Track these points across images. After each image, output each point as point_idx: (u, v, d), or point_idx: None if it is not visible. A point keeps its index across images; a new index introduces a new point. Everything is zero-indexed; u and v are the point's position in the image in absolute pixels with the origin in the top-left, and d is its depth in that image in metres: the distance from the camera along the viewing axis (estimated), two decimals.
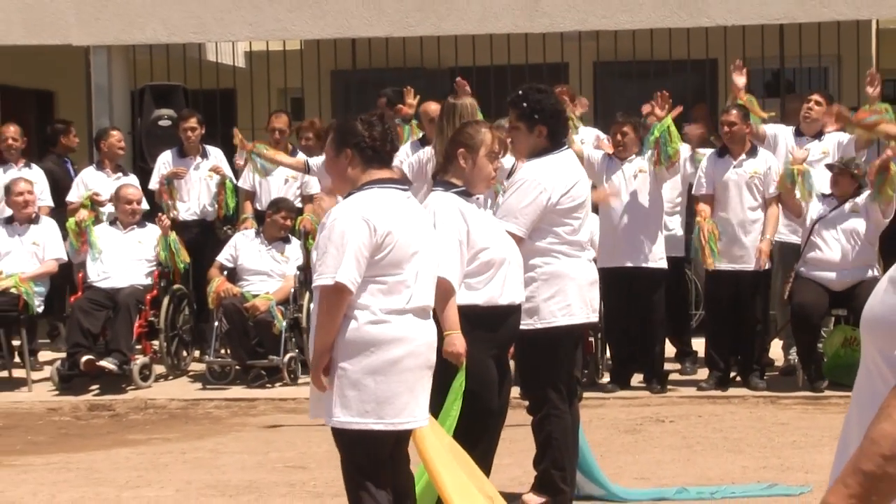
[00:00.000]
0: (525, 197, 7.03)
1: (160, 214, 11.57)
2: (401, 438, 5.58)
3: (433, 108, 10.94)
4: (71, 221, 11.41)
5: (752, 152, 10.50)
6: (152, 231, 11.55)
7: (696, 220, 10.51)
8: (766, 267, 10.45)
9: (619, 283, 10.33)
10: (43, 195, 12.27)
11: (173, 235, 11.42)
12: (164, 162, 12.32)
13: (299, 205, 11.90)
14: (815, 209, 10.34)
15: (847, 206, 10.29)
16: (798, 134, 11.04)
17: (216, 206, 12.29)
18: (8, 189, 11.65)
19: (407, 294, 5.46)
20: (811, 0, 12.42)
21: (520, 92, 7.36)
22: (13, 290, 11.11)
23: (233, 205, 12.24)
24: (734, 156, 10.48)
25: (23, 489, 8.15)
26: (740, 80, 10.82)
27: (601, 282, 9.56)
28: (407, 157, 11.11)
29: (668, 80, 13.77)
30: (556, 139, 7.26)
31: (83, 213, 11.48)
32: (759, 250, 10.32)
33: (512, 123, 7.41)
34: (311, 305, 5.83)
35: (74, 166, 13.10)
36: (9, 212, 11.66)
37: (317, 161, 11.23)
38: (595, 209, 9.78)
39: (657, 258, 10.42)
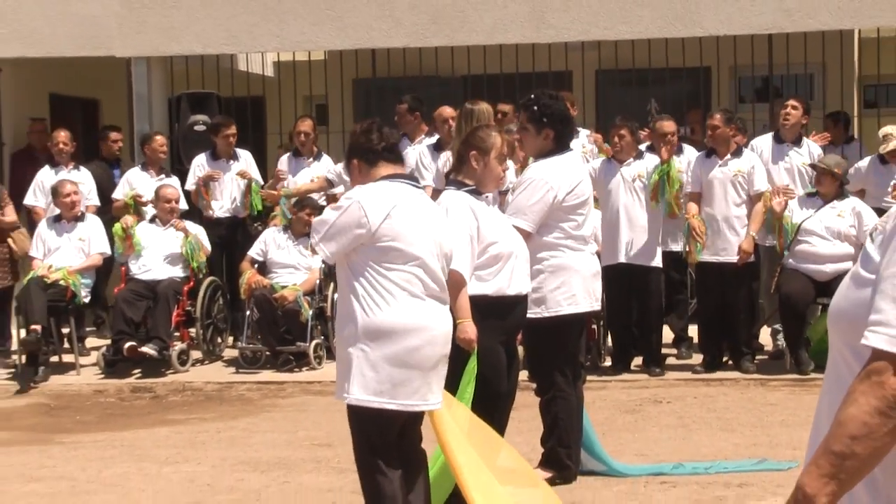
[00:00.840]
0: (533, 195, 7.06)
1: (175, 221, 11.57)
2: (412, 419, 5.59)
3: (447, 111, 10.99)
4: (117, 227, 11.45)
5: (737, 153, 10.51)
6: (190, 228, 11.59)
7: (685, 217, 10.51)
8: (752, 260, 10.45)
9: (619, 278, 10.38)
10: (90, 195, 12.31)
11: (191, 237, 11.46)
12: (199, 164, 12.34)
13: (324, 203, 11.92)
14: (798, 213, 10.35)
15: (830, 205, 10.28)
16: (778, 140, 11.03)
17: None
18: (55, 190, 11.67)
19: (424, 283, 5.48)
20: (797, 11, 12.39)
21: (531, 96, 7.39)
22: (62, 283, 11.16)
23: (258, 206, 12.26)
24: (720, 156, 10.49)
25: (73, 465, 8.19)
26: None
27: (604, 276, 9.62)
28: (421, 158, 11.16)
29: (664, 86, 13.79)
30: (562, 142, 7.28)
31: (128, 219, 11.52)
32: (740, 247, 10.32)
33: (522, 125, 7.44)
34: (335, 295, 5.85)
35: (122, 167, 13.09)
36: (57, 210, 11.68)
37: (335, 168, 11.34)
38: (596, 206, 9.84)
39: (654, 257, 10.45)
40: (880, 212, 10.32)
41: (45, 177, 12.31)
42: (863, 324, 2.34)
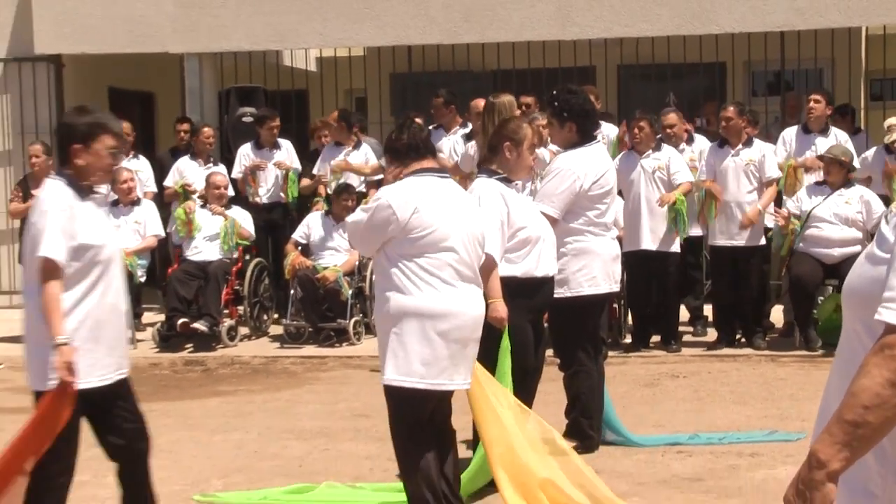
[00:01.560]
0: (561, 184, 7.06)
1: (212, 205, 11.60)
2: (443, 397, 5.57)
3: (480, 104, 10.95)
4: (180, 211, 11.50)
5: (748, 143, 10.47)
6: (237, 213, 11.63)
7: (705, 189, 10.43)
8: (762, 244, 10.41)
9: (639, 262, 10.39)
10: (148, 182, 12.38)
11: (230, 221, 11.49)
12: (244, 153, 12.39)
13: (363, 189, 11.94)
14: (808, 201, 10.29)
15: (838, 192, 10.22)
16: (806, 131, 10.95)
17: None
18: (113, 178, 11.71)
19: (456, 269, 5.45)
20: (808, 10, 12.31)
21: (553, 93, 7.39)
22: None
23: (294, 193, 12.28)
24: (732, 146, 10.46)
25: None
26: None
27: (625, 261, 9.62)
28: (454, 147, 11.15)
29: (682, 81, 13.74)
30: (585, 134, 7.26)
31: (191, 205, 11.57)
32: (745, 215, 10.28)
33: (548, 119, 7.44)
34: (374, 276, 5.85)
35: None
36: (114, 196, 11.75)
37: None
38: (620, 195, 9.82)
39: (672, 243, 10.40)
40: (885, 198, 10.28)
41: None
42: (876, 300, 2.33)
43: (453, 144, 11.24)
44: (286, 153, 12.42)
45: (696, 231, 10.74)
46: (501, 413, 5.80)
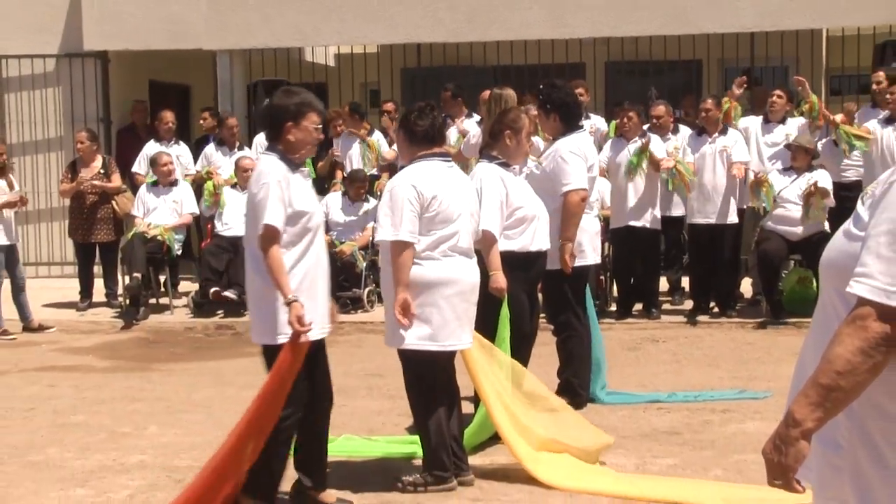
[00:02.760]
0: (579, 163, 7.04)
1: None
2: (449, 358, 5.58)
3: (488, 95, 10.95)
4: (209, 184, 11.45)
5: (724, 131, 10.42)
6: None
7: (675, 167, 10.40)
8: (735, 222, 10.37)
9: (624, 238, 10.37)
10: (189, 165, 12.33)
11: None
12: (260, 142, 12.32)
13: (374, 172, 11.89)
14: (779, 181, 10.21)
15: (803, 176, 10.15)
16: (766, 121, 10.97)
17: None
18: (154, 161, 11.71)
19: (455, 242, 5.48)
20: (775, 13, 12.29)
21: (540, 86, 7.37)
22: (159, 238, 11.20)
23: (312, 174, 12.14)
24: (709, 134, 10.42)
25: (167, 388, 8.22)
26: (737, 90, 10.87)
27: (612, 236, 9.58)
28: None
29: (663, 76, 13.71)
30: (568, 123, 7.23)
31: (220, 179, 11.52)
32: (737, 167, 10.14)
33: (536, 110, 7.43)
34: (381, 249, 5.82)
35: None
36: (154, 177, 11.71)
37: None
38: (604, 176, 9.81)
39: (653, 220, 10.35)
40: (837, 184, 10.25)
41: (151, 150, 12.30)
42: (850, 273, 2.30)
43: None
44: None
45: (678, 211, 10.70)
46: (497, 373, 5.79)
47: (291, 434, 5.11)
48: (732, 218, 10.38)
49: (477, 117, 11.33)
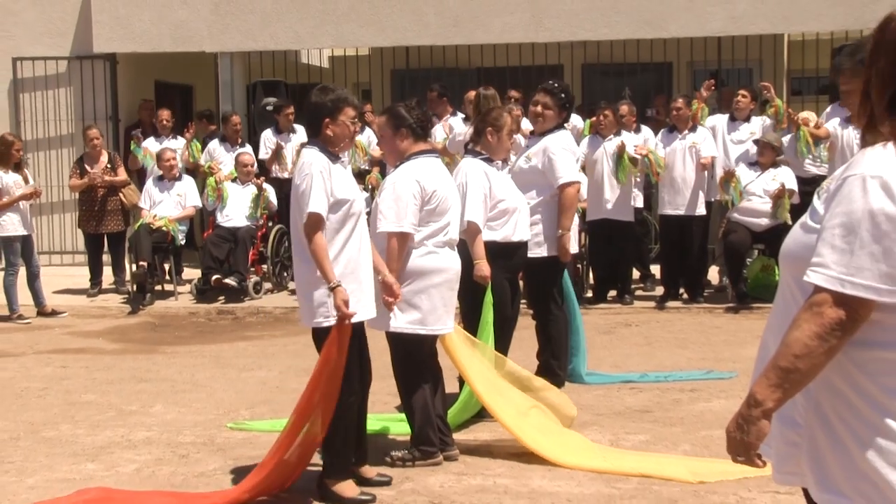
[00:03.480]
0: (570, 159, 7.06)
1: (253, 180, 11.48)
2: (434, 341, 5.57)
3: (473, 95, 10.96)
4: (211, 180, 11.40)
5: (693, 129, 10.43)
6: (259, 197, 11.54)
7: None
8: (703, 214, 10.37)
9: (600, 229, 10.34)
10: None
11: (265, 193, 11.41)
12: (266, 137, 12.31)
13: (365, 167, 11.85)
14: (745, 176, 10.22)
15: (768, 172, 10.16)
16: (732, 119, 10.97)
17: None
18: (159, 156, 11.66)
19: (445, 234, 5.47)
20: (741, 19, 12.30)
21: (555, 84, 7.28)
22: (164, 228, 11.16)
23: None
24: (680, 131, 10.43)
25: (172, 369, 8.20)
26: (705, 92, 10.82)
27: (588, 228, 9.56)
28: (451, 130, 11.10)
29: (636, 78, 13.69)
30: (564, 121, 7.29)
31: (221, 175, 11.46)
32: (704, 159, 10.22)
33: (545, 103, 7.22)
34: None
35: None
36: (159, 172, 11.66)
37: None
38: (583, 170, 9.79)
39: (627, 213, 10.35)
40: (800, 179, 10.26)
41: (150, 145, 12.31)
42: (807, 263, 2.30)
43: (448, 127, 11.26)
44: (300, 137, 12.32)
45: (636, 203, 10.72)
46: (480, 357, 5.79)
47: (354, 414, 5.07)
48: (701, 210, 10.40)
49: (461, 115, 11.33)
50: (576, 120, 11.31)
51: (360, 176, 11.69)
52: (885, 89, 2.29)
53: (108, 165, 11.69)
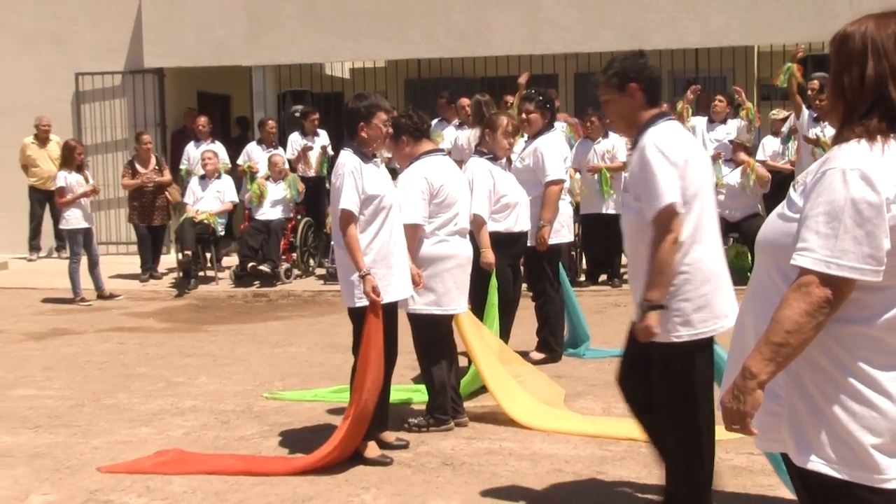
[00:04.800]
0: (558, 158, 7.01)
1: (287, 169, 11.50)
2: (451, 319, 5.53)
3: (465, 101, 10.99)
4: (255, 186, 11.36)
5: None
6: (293, 181, 11.54)
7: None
8: None
9: (593, 222, 10.28)
10: (225, 160, 12.26)
11: (292, 177, 11.45)
12: (294, 140, 12.28)
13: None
14: (719, 173, 10.21)
15: (741, 169, 10.12)
16: (710, 121, 10.96)
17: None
18: (200, 158, 11.67)
19: (454, 224, 5.44)
20: (716, 32, 12.24)
21: (532, 91, 7.29)
22: (205, 221, 11.15)
23: (324, 169, 12.07)
24: None
25: (213, 346, 8.20)
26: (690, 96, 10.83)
27: (583, 220, 9.53)
28: (455, 136, 11.06)
29: None
30: (550, 123, 7.22)
31: (265, 184, 11.40)
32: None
33: (530, 109, 7.18)
34: None
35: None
36: (201, 171, 11.66)
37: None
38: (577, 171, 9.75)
39: (616, 207, 10.27)
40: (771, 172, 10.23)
41: (191, 148, 12.31)
42: (787, 249, 2.27)
43: (451, 132, 11.24)
44: (323, 139, 12.32)
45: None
46: (486, 338, 5.77)
47: (388, 385, 5.11)
48: None
49: (456, 122, 11.32)
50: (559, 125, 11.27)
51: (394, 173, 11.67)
52: (858, 99, 2.27)
53: (156, 167, 11.69)
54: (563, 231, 7.30)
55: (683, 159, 3.76)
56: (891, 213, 2.19)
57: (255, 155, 12.07)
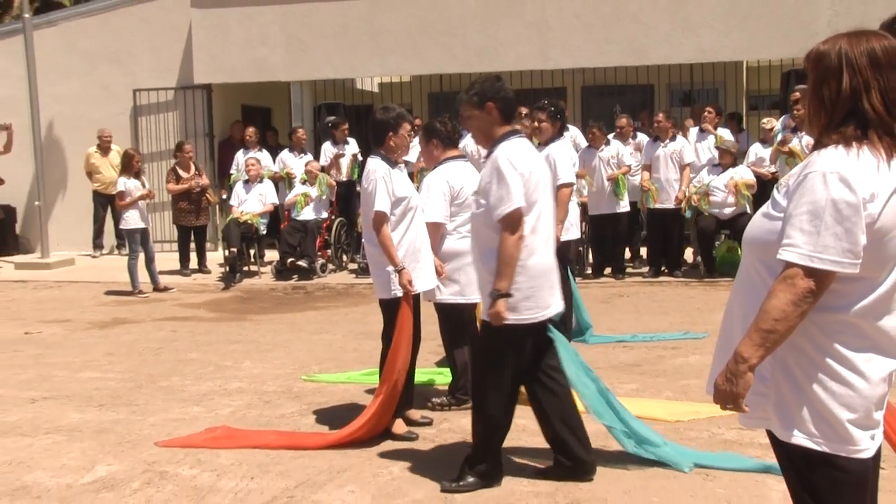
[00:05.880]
0: (569, 161, 6.98)
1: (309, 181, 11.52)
2: (474, 308, 5.52)
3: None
4: (300, 198, 11.38)
5: (673, 138, 10.32)
6: (324, 179, 11.54)
7: (640, 182, 10.41)
8: (682, 206, 10.29)
9: (600, 220, 10.23)
10: (269, 165, 12.31)
11: (322, 176, 11.42)
12: (326, 149, 12.29)
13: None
14: (708, 177, 10.15)
15: (728, 171, 10.07)
16: (701, 131, 10.92)
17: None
18: (246, 165, 11.70)
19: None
20: (709, 49, 12.13)
21: (545, 101, 7.21)
22: (249, 221, 11.19)
23: (355, 174, 12.09)
24: (662, 140, 10.31)
25: (257, 333, 8.22)
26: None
27: (591, 220, 9.46)
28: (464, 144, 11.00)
29: (625, 97, 13.59)
30: (560, 130, 7.19)
31: (309, 193, 11.39)
32: (676, 197, 10.16)
33: (540, 119, 7.16)
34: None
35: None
36: (246, 176, 11.70)
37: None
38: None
39: (622, 207, 10.25)
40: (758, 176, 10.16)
41: (240, 156, 12.35)
42: (771, 245, 2.28)
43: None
44: (353, 147, 12.33)
45: (635, 199, 10.64)
46: None
47: (414, 367, 5.14)
48: (680, 206, 10.29)
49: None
50: (575, 132, 11.23)
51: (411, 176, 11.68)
52: (835, 110, 2.27)
53: (196, 173, 11.76)
54: (572, 229, 7.25)
55: (528, 171, 4.00)
56: (867, 212, 2.19)
57: (288, 161, 12.11)
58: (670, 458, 4.35)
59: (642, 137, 11.00)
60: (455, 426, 5.17)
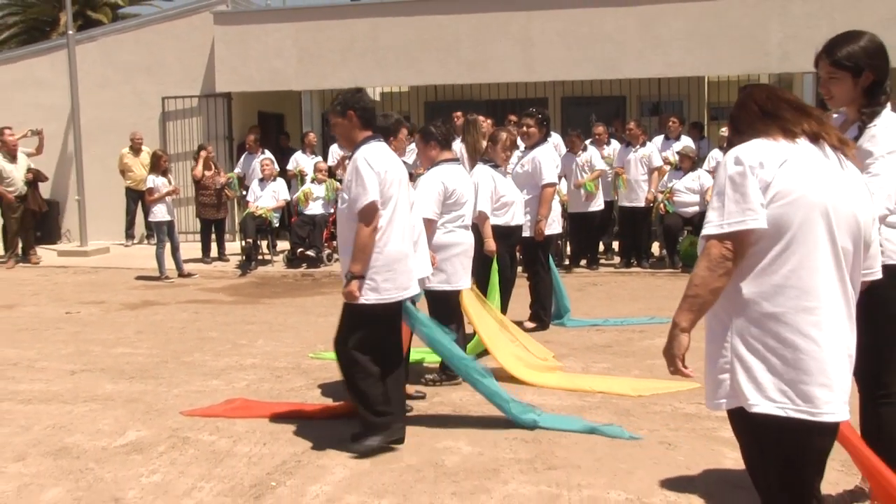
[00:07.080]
0: (551, 164, 6.94)
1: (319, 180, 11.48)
2: (459, 294, 5.51)
3: (458, 118, 10.90)
4: (301, 196, 11.35)
5: (643, 144, 10.31)
6: (331, 184, 11.52)
7: (617, 178, 10.39)
8: (651, 206, 10.30)
9: (578, 218, 10.22)
10: (276, 167, 12.25)
11: (330, 182, 11.36)
12: (333, 151, 12.25)
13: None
14: (672, 179, 10.17)
15: (688, 175, 10.09)
16: (666, 138, 10.93)
17: None
18: (260, 164, 11.67)
19: (462, 220, 5.42)
20: (675, 65, 12.13)
21: (533, 109, 7.21)
22: (263, 216, 11.16)
23: None
24: (633, 146, 10.30)
25: (270, 315, 8.20)
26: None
27: (569, 217, 9.44)
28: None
29: (600, 107, 13.56)
30: (545, 135, 7.16)
31: (311, 192, 11.36)
32: (646, 198, 10.16)
33: (528, 125, 7.13)
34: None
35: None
36: (260, 174, 11.66)
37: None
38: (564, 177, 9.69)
39: (597, 205, 10.24)
40: None
41: (244, 158, 12.36)
42: None
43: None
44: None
45: (610, 199, 10.63)
46: (488, 311, 5.73)
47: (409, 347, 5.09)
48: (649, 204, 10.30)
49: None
50: (556, 139, 11.23)
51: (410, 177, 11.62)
52: (749, 126, 2.45)
53: (216, 171, 11.77)
54: (554, 224, 7.28)
55: (384, 170, 4.11)
56: (759, 177, 2.27)
57: (301, 161, 12.09)
58: (515, 414, 4.50)
59: (615, 144, 10.99)
60: (445, 399, 5.18)
